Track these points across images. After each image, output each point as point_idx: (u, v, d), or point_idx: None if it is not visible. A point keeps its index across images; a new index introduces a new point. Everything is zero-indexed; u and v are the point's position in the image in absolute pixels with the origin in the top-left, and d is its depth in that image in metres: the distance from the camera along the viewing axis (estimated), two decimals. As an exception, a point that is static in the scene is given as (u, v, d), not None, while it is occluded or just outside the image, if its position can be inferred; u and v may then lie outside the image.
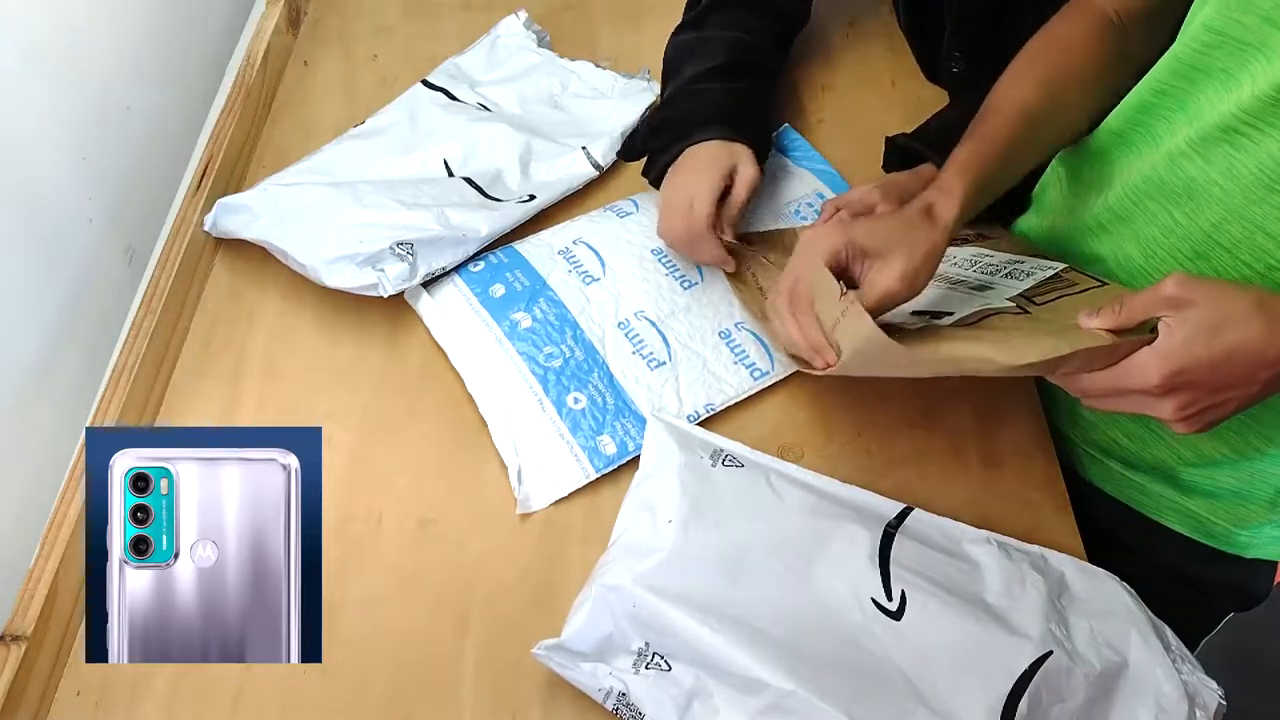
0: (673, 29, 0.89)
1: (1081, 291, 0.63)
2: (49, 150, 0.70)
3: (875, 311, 0.60)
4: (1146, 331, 0.55)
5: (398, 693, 0.61)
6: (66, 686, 0.62)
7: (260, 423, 0.73)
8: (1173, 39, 0.59)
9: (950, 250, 0.73)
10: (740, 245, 0.77)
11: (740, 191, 0.76)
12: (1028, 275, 0.67)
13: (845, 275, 0.62)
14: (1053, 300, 0.62)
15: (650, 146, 0.82)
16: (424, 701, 0.61)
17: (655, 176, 0.80)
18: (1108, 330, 0.55)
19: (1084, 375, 0.56)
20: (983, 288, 0.67)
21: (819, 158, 0.88)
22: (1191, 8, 0.58)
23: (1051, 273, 0.66)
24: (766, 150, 0.82)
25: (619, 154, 0.86)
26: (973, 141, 0.65)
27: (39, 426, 0.68)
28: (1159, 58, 0.61)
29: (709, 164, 0.76)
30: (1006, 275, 0.67)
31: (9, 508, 0.65)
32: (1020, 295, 0.64)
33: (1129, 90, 0.64)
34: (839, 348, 0.61)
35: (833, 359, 0.62)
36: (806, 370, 0.65)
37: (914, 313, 0.66)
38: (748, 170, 0.76)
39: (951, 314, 0.65)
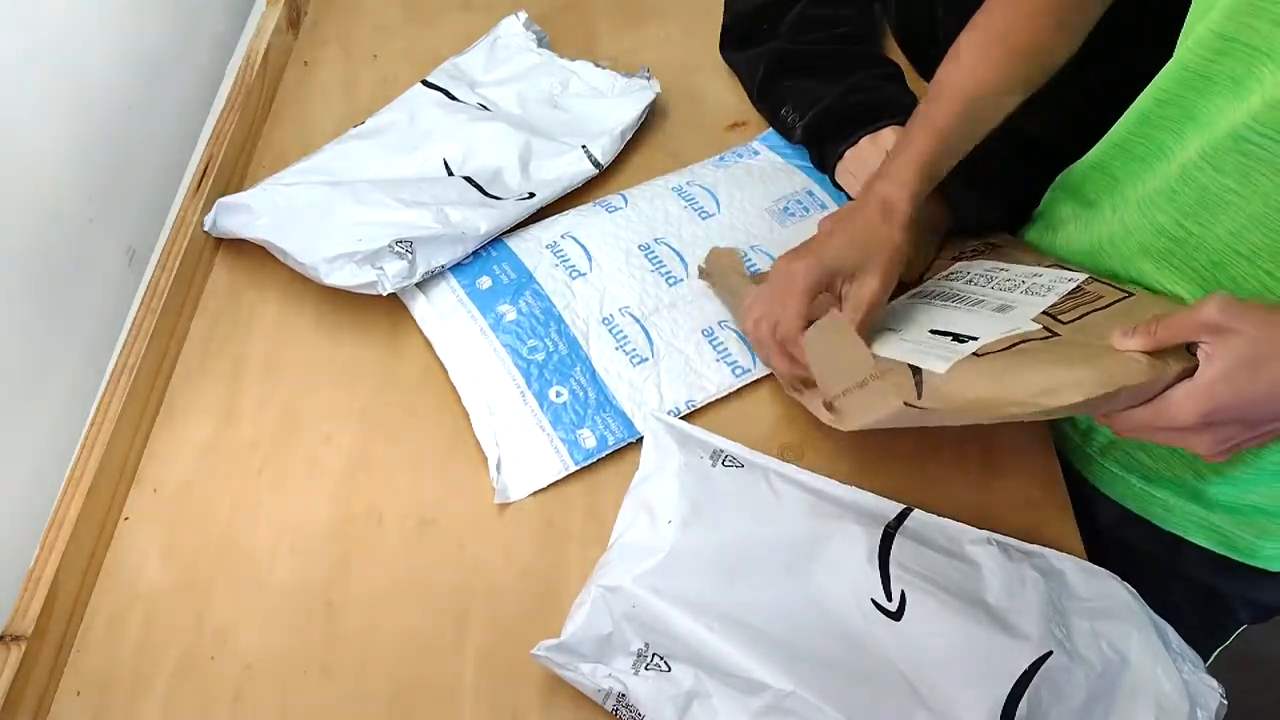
0: (671, 31, 0.89)
1: (1108, 305, 0.61)
2: (49, 150, 0.70)
3: (862, 325, 0.63)
4: (1185, 354, 0.53)
5: (398, 693, 0.61)
6: (66, 686, 0.62)
7: (260, 423, 0.73)
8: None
9: (962, 267, 0.73)
10: None
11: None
12: (1049, 290, 0.65)
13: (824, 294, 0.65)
14: (1079, 319, 0.61)
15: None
16: (424, 702, 0.61)
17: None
18: (1143, 352, 0.54)
19: (1118, 412, 0.55)
20: (1004, 308, 0.66)
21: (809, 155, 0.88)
22: (1191, 14, 0.57)
23: (1073, 285, 0.65)
24: None
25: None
26: (922, 130, 0.67)
27: (39, 426, 0.68)
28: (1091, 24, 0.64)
29: None
30: (1026, 291, 0.66)
31: (9, 508, 0.65)
32: (1044, 313, 0.63)
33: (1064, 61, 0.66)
34: (850, 409, 0.59)
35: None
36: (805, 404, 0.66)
37: (932, 331, 0.66)
38: None
39: (976, 339, 0.63)
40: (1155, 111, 0.60)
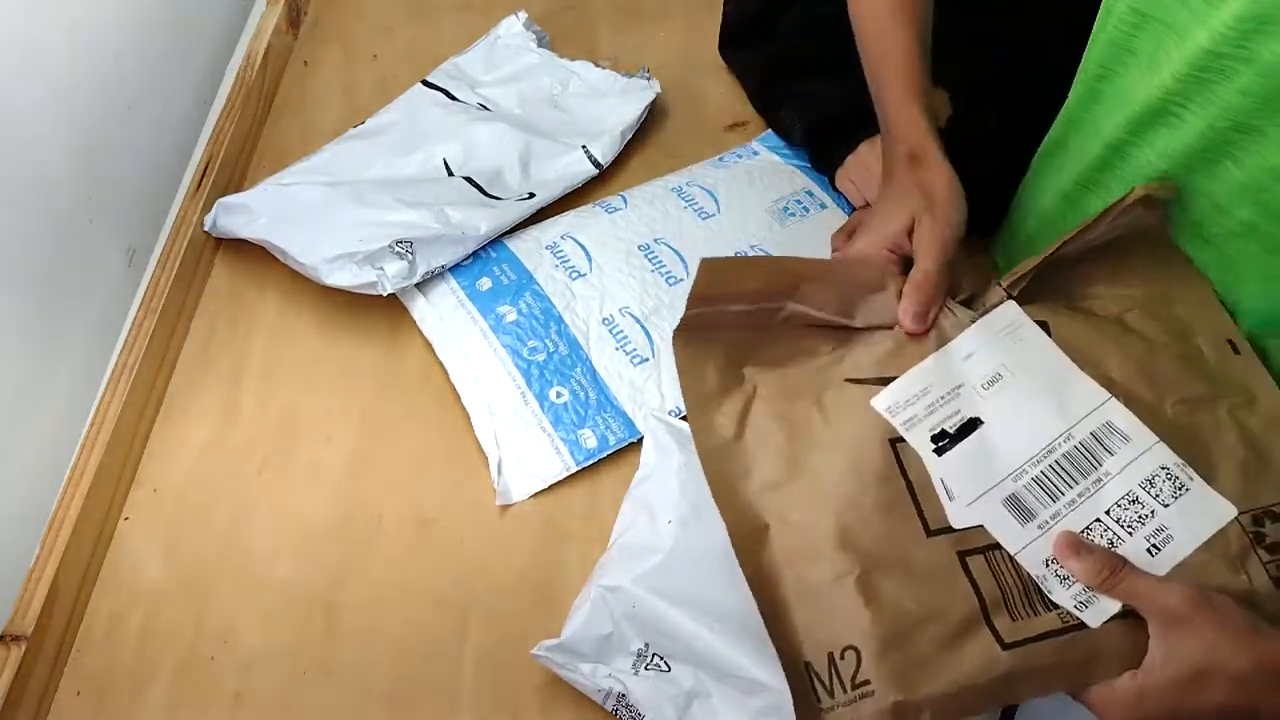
0: (671, 31, 0.89)
1: None
2: (49, 150, 0.70)
3: (940, 263, 0.58)
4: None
5: (398, 693, 0.61)
6: (66, 686, 0.62)
7: (260, 423, 0.73)
8: None
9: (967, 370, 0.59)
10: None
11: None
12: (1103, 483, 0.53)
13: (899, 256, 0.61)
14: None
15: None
16: (424, 702, 0.61)
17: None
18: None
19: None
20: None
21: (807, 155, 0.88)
22: None
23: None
24: None
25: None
26: (890, 68, 0.66)
27: (39, 426, 0.68)
28: None
29: None
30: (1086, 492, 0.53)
31: (9, 508, 0.65)
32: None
33: None
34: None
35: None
36: None
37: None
38: None
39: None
40: (1096, 87, 0.61)
